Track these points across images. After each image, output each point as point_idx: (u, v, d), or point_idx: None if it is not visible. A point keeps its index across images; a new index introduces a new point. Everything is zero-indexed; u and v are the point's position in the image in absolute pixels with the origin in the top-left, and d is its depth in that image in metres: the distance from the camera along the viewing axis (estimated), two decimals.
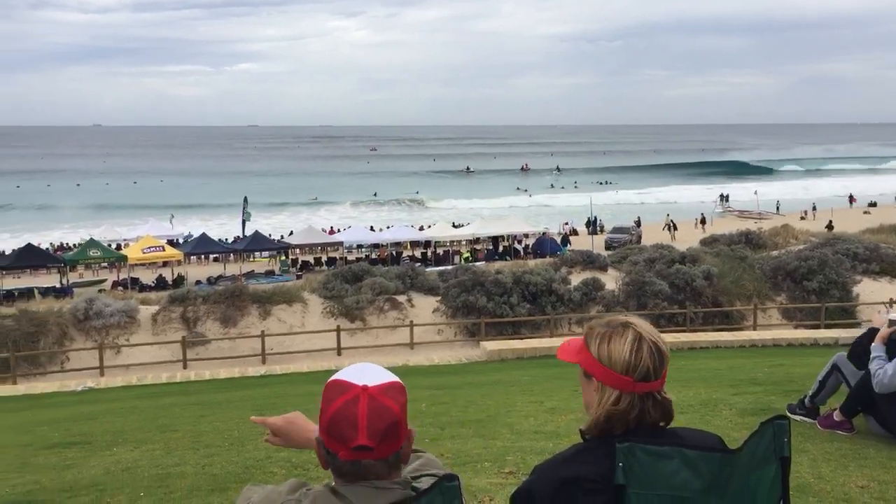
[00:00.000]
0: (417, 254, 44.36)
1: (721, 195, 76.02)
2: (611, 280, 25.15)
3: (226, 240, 45.98)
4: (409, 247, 45.75)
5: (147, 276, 37.71)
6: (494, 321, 23.05)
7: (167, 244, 39.09)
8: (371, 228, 49.79)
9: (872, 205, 69.62)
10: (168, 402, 11.91)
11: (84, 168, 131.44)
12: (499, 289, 23.54)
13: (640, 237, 47.18)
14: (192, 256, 40.38)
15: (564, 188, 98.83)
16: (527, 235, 46.51)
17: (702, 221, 55.11)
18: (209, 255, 42.27)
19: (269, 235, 43.97)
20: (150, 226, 44.71)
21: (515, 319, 23.18)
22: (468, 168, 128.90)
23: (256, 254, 42.45)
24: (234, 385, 15.47)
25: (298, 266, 40.96)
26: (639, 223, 54.00)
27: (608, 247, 42.31)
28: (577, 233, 52.15)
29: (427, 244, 45.46)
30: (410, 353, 21.13)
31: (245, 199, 47.78)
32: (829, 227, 46.01)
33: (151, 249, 36.99)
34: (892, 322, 5.59)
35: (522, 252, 43.95)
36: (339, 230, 50.35)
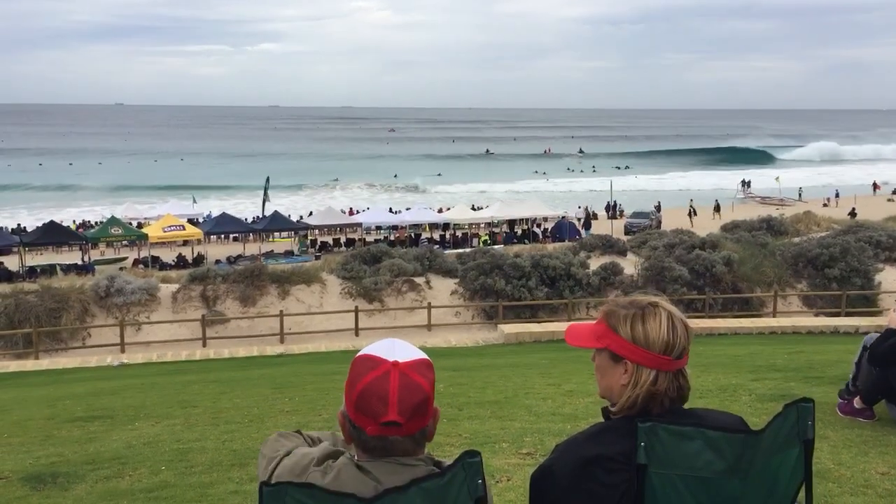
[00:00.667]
0: (436, 236, 44.38)
1: (743, 181, 75.32)
2: (630, 265, 25.05)
3: (246, 219, 46.24)
4: (428, 229, 45.77)
5: (167, 255, 37.97)
6: (512, 304, 23.03)
7: (187, 223, 39.35)
8: (390, 210, 49.83)
9: None
10: (188, 380, 12.03)
11: (106, 147, 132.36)
12: (517, 272, 23.50)
13: (660, 222, 46.90)
14: (212, 236, 40.65)
15: (584, 172, 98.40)
16: (546, 219, 46.37)
17: (716, 209, 54.37)
18: (229, 235, 42.51)
19: (289, 216, 44.11)
20: (171, 205, 45.02)
21: (533, 303, 23.16)
22: (488, 151, 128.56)
23: (276, 234, 42.63)
24: (253, 364, 15.60)
25: (317, 247, 41.13)
26: (659, 208, 53.65)
27: (627, 231, 42.14)
28: (597, 217, 51.94)
29: (446, 226, 45.45)
30: (428, 335, 21.18)
31: (267, 180, 47.87)
32: (852, 215, 45.53)
33: (172, 228, 37.26)
34: None
35: (541, 235, 43.86)
36: (358, 211, 50.48)
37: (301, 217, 46.80)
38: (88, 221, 50.44)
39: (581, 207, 55.54)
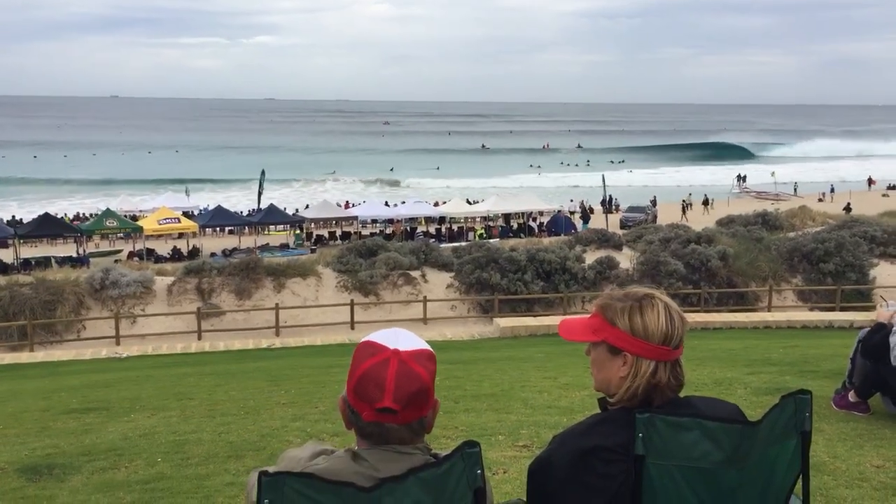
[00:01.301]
0: (432, 230, 44.36)
1: (738, 176, 75.42)
2: (625, 259, 25.09)
3: (241, 212, 46.12)
4: (424, 223, 45.75)
5: (162, 248, 37.91)
6: (508, 298, 23.05)
7: (182, 216, 39.26)
8: (386, 203, 49.79)
9: (892, 188, 68.81)
10: (183, 372, 12.02)
11: (100, 139, 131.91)
12: (513, 266, 23.52)
13: (656, 216, 46.96)
14: (207, 229, 40.57)
15: (578, 166, 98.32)
16: (541, 213, 46.38)
17: (704, 202, 54.34)
18: (224, 228, 42.42)
19: (284, 209, 44.04)
20: (166, 198, 44.87)
21: (529, 297, 23.18)
22: (483, 146, 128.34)
23: (271, 227, 42.57)
24: (249, 356, 15.60)
25: (313, 240, 41.09)
26: (654, 202, 53.70)
27: (623, 226, 42.16)
28: (593, 211, 51.98)
29: (441, 220, 45.43)
30: (423, 329, 21.18)
31: (262, 173, 47.75)
32: (847, 210, 45.63)
33: (167, 221, 37.19)
34: None
35: (537, 230, 43.87)
36: (354, 205, 50.42)
37: (297, 210, 46.75)
38: (83, 214, 50.30)
39: (573, 201, 55.53)
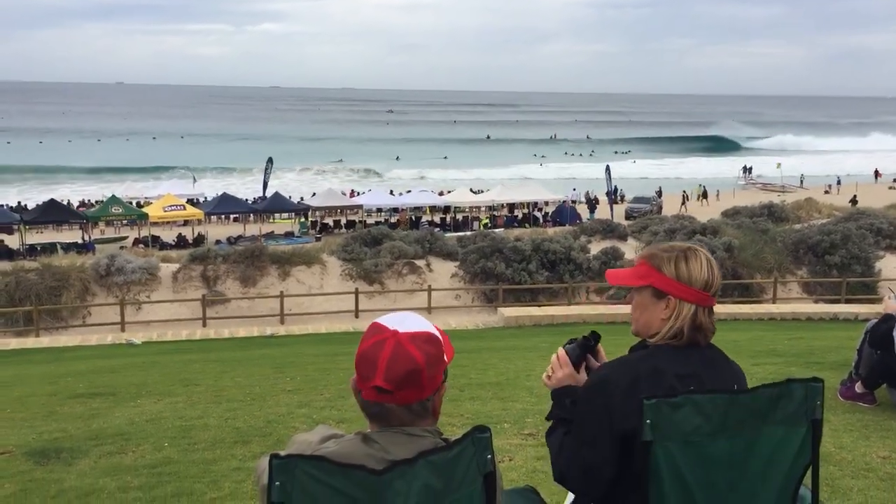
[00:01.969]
0: (437, 219, 44.35)
1: (744, 167, 75.23)
2: (630, 249, 25.05)
3: (246, 199, 46.12)
4: (429, 212, 45.75)
5: (167, 235, 37.97)
6: (512, 288, 23.05)
7: (188, 203, 39.28)
8: (391, 192, 49.79)
9: None
10: (188, 359, 12.05)
11: (106, 126, 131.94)
12: (517, 256, 23.52)
13: (661, 207, 46.88)
14: (213, 216, 40.61)
15: (582, 156, 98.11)
16: (547, 203, 46.33)
17: (703, 195, 54.14)
18: (229, 215, 42.48)
19: (289, 197, 44.05)
20: (172, 184, 44.87)
21: (533, 287, 23.17)
22: (488, 136, 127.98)
23: (276, 215, 42.59)
24: (253, 344, 15.63)
25: (318, 228, 41.11)
26: (660, 193, 53.58)
27: (628, 216, 42.11)
28: (598, 201, 51.91)
29: (446, 209, 45.43)
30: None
31: (269, 161, 47.70)
32: (854, 202, 45.49)
33: (172, 208, 37.22)
34: None
35: (542, 219, 43.84)
36: (359, 193, 50.40)
37: (302, 198, 46.75)
38: (88, 200, 50.37)
39: (575, 190, 55.41)
